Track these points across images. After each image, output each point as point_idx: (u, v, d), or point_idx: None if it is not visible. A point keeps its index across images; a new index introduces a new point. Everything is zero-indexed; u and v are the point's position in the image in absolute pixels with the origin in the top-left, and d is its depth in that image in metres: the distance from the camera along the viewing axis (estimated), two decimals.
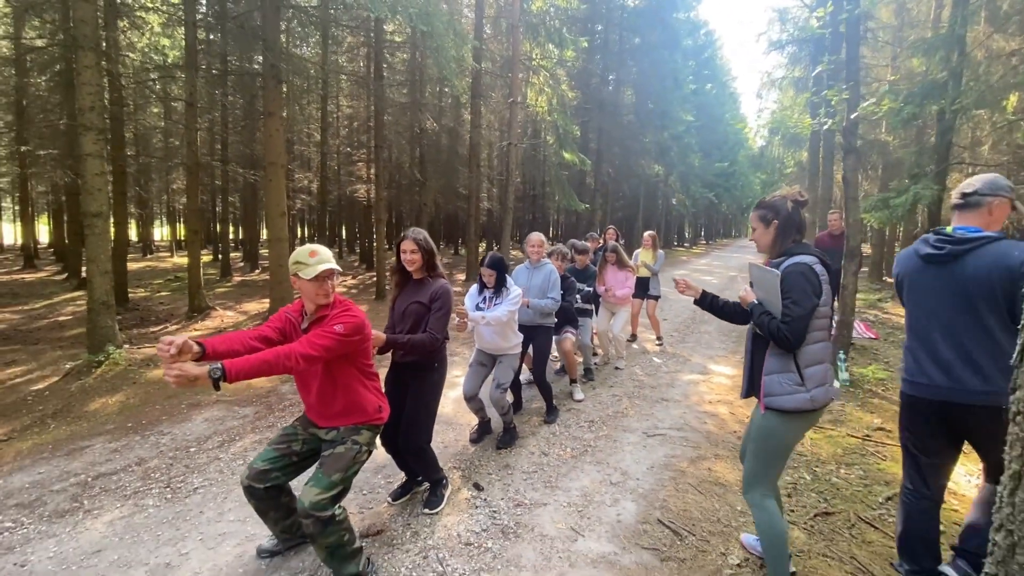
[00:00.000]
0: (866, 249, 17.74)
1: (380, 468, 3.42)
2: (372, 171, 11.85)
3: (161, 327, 7.91)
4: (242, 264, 18.41)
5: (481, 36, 12.50)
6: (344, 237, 28.07)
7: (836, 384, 5.29)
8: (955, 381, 2.02)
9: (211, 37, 12.41)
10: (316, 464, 2.26)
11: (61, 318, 8.89)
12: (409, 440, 2.87)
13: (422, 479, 3.14)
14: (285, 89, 15.97)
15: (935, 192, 6.86)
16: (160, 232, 43.83)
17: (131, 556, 2.53)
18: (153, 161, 13.57)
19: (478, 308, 3.62)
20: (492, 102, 16.11)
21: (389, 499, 3.05)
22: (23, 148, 12.84)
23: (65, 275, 13.62)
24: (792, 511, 2.96)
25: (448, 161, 15.48)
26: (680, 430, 4.11)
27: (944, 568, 2.19)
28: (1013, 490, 1.14)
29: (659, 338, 7.08)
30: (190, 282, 8.46)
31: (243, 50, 10.53)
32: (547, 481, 3.28)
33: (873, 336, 7.37)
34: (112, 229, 9.05)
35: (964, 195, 2.09)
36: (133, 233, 31.76)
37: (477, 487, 3.21)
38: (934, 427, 2.14)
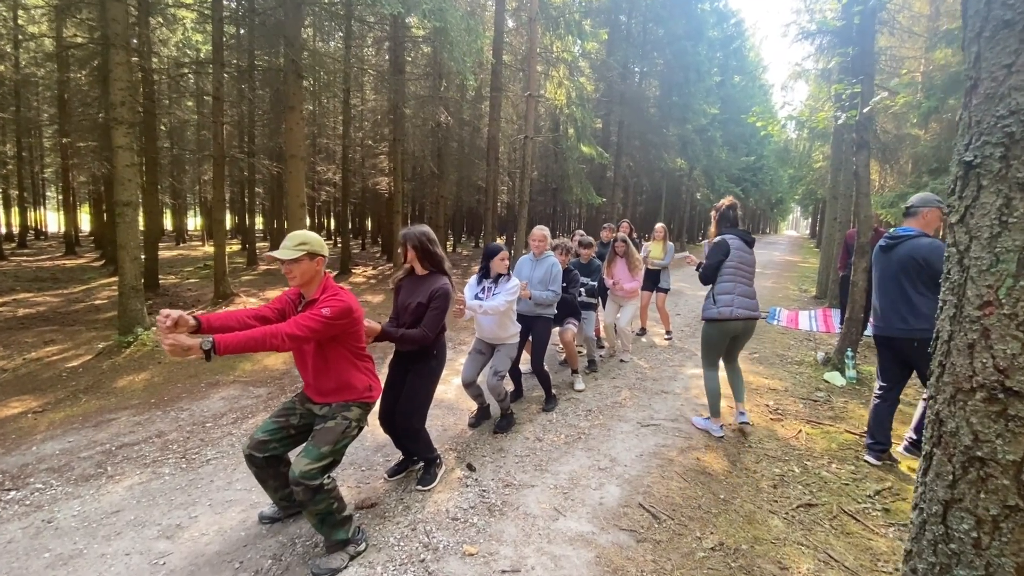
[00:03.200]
0: None
1: (380, 447, 3.59)
2: (391, 164, 12.05)
3: (188, 312, 8.28)
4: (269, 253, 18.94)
5: (502, 29, 12.55)
6: (369, 229, 28.62)
7: (843, 381, 5.25)
8: (887, 322, 3.35)
9: (241, 32, 12.82)
10: (310, 436, 2.43)
11: (97, 302, 9.39)
12: (405, 421, 3.02)
13: (417, 458, 3.30)
14: (311, 83, 16.38)
15: None
16: (193, 222, 45.31)
17: (146, 517, 2.76)
18: (186, 153, 14.06)
19: (477, 298, 3.75)
20: (512, 96, 16.15)
21: (385, 475, 3.22)
22: (65, 140, 13.53)
23: (103, 261, 14.31)
24: (775, 501, 3.02)
25: (466, 154, 15.62)
26: (675, 421, 4.17)
27: (898, 450, 3.64)
28: (925, 470, 1.21)
29: (668, 332, 7.09)
30: (216, 270, 8.83)
31: (270, 45, 10.84)
32: (538, 464, 3.40)
33: None
34: (144, 218, 9.50)
35: (907, 208, 3.42)
36: (168, 223, 33.03)
37: (470, 467, 3.35)
38: (883, 352, 3.50)
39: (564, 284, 4.76)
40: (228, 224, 33.38)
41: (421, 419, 3.09)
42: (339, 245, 16.29)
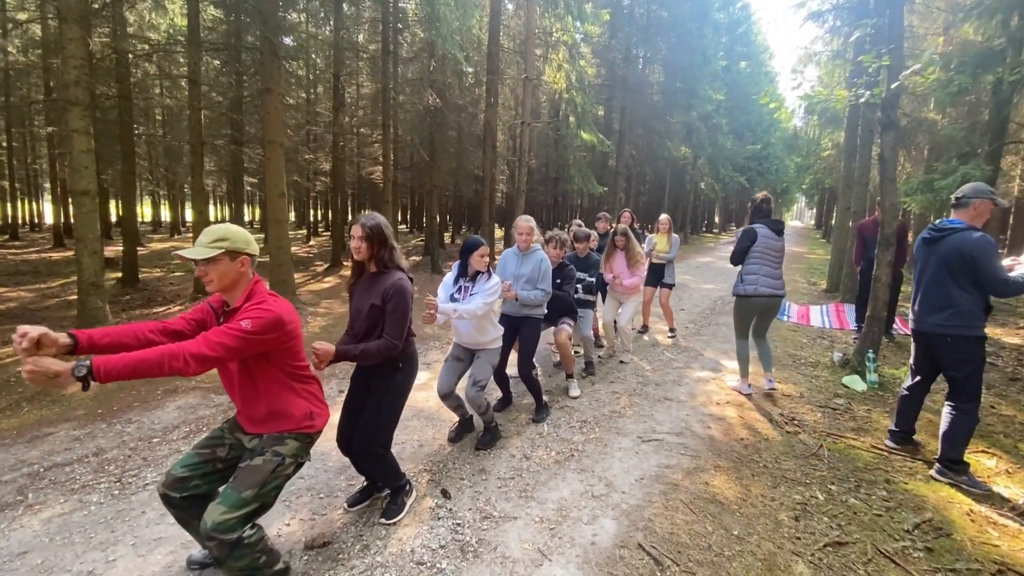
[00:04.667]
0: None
1: (344, 469, 3.16)
2: (383, 152, 11.55)
3: (165, 308, 7.88)
4: (262, 245, 18.52)
5: (498, 8, 11.96)
6: None
7: (863, 386, 4.79)
8: (922, 317, 3.24)
9: (218, 13, 12.24)
10: (232, 476, 1.98)
11: (71, 297, 8.96)
12: (363, 445, 2.58)
13: (382, 485, 2.86)
14: (303, 69, 15.79)
15: (987, 173, 6.12)
16: (192, 213, 44.74)
17: (56, 561, 2.34)
18: (170, 140, 13.52)
19: (452, 299, 3.29)
20: (511, 81, 15.56)
21: (345, 504, 2.78)
22: (51, 129, 13.05)
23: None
24: (798, 539, 2.57)
25: (463, 142, 15.07)
26: (679, 435, 3.72)
27: (930, 473, 3.28)
28: None
29: (672, 330, 6.63)
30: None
31: (254, 27, 10.28)
32: (523, 490, 2.96)
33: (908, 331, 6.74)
34: (121, 208, 9.00)
35: (956, 198, 3.20)
36: (166, 214, 32.57)
37: (445, 494, 2.92)
38: (918, 347, 3.40)
39: (558, 281, 4.30)
40: (216, 215, 32.94)
41: (384, 443, 2.64)
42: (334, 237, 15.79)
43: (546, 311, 4.06)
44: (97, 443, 3.49)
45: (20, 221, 27.94)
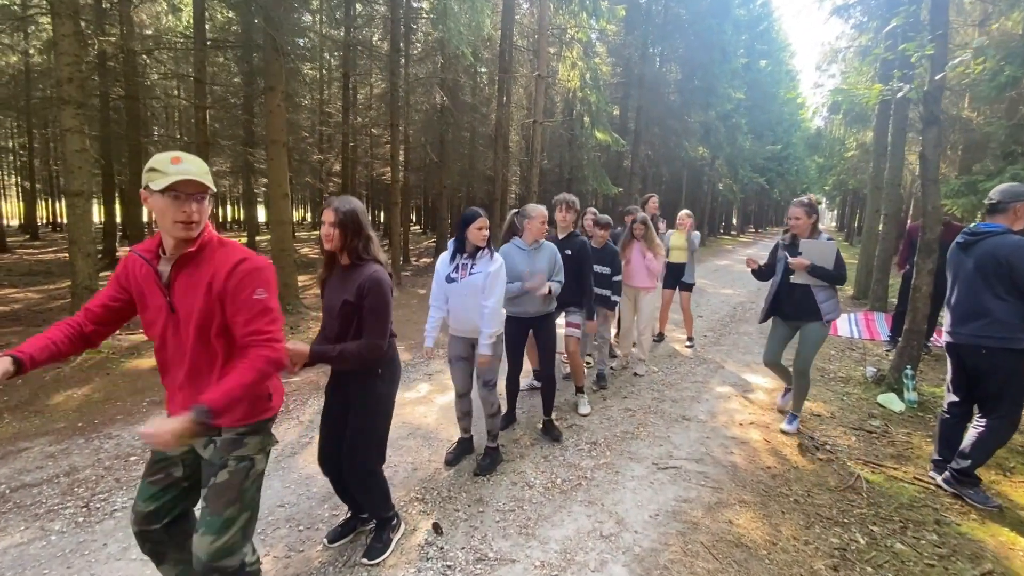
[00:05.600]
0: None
1: (328, 497, 2.88)
2: (392, 151, 11.34)
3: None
4: (268, 248, 18.47)
5: (511, 5, 11.68)
6: (381, 221, 28.01)
7: (901, 406, 4.39)
8: (956, 327, 2.99)
9: (235, 16, 12.18)
10: (203, 502, 1.70)
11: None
12: (353, 465, 2.30)
13: (368, 516, 2.58)
14: (313, 67, 15.70)
15: None
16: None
17: None
18: (170, 139, 13.44)
19: (450, 279, 2.99)
20: (523, 79, 15.26)
21: (326, 540, 2.51)
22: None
23: (99, 255, 13.94)
24: None
25: (475, 142, 14.81)
26: (699, 461, 3.38)
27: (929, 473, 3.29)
28: None
29: (690, 339, 6.25)
30: None
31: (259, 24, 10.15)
32: (523, 525, 2.66)
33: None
34: (124, 209, 8.95)
35: (992, 203, 3.00)
36: None
37: (436, 529, 2.63)
38: (953, 362, 3.12)
39: (579, 264, 3.90)
40: (232, 215, 33.23)
41: (375, 459, 2.35)
42: None
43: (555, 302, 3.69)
44: (72, 461, 3.27)
45: (43, 221, 28.57)
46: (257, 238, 16.06)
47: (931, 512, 2.92)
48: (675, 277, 6.08)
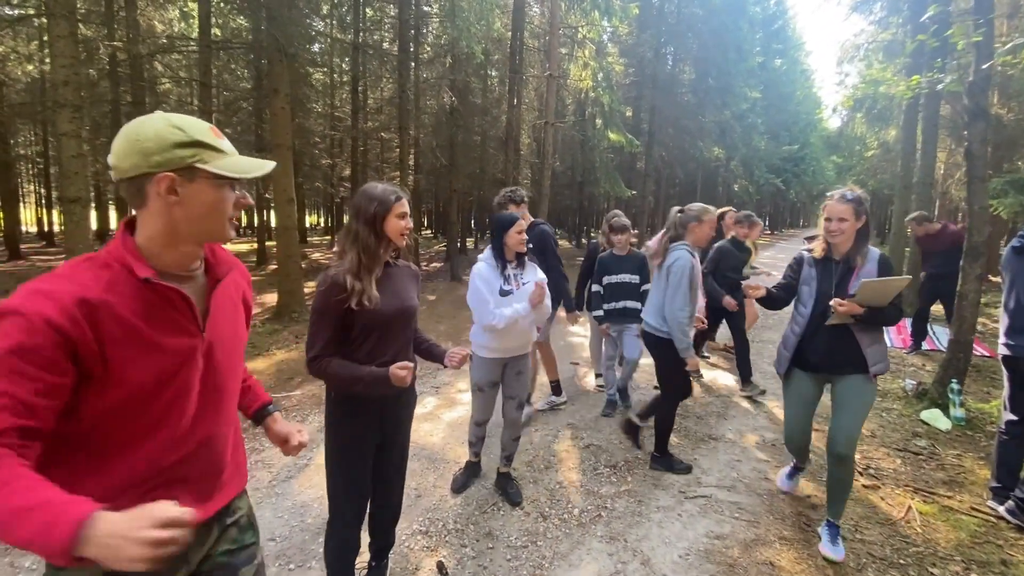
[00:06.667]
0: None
1: (322, 529, 2.63)
2: (401, 155, 11.16)
3: None
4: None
5: (522, 4, 11.46)
6: None
7: (947, 424, 4.04)
8: (1020, 340, 2.74)
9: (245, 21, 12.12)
10: None
11: None
12: (398, 509, 2.26)
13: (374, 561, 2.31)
14: (329, 75, 15.62)
15: None
16: None
17: None
18: None
19: (503, 292, 2.66)
20: (535, 80, 15.03)
21: None
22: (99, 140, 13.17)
23: None
24: None
25: (487, 145, 14.60)
26: (731, 489, 3.07)
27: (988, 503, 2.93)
28: None
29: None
30: None
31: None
32: (537, 566, 2.39)
33: (988, 354, 5.89)
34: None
35: None
36: None
37: (441, 570, 2.36)
38: (1014, 377, 2.84)
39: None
40: (245, 220, 33.43)
41: (333, 509, 1.99)
42: None
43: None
44: None
45: (60, 227, 29.03)
46: (268, 243, 16.01)
47: (995, 550, 2.59)
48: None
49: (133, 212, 1.01)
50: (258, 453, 3.48)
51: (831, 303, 2.36)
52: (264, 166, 1.06)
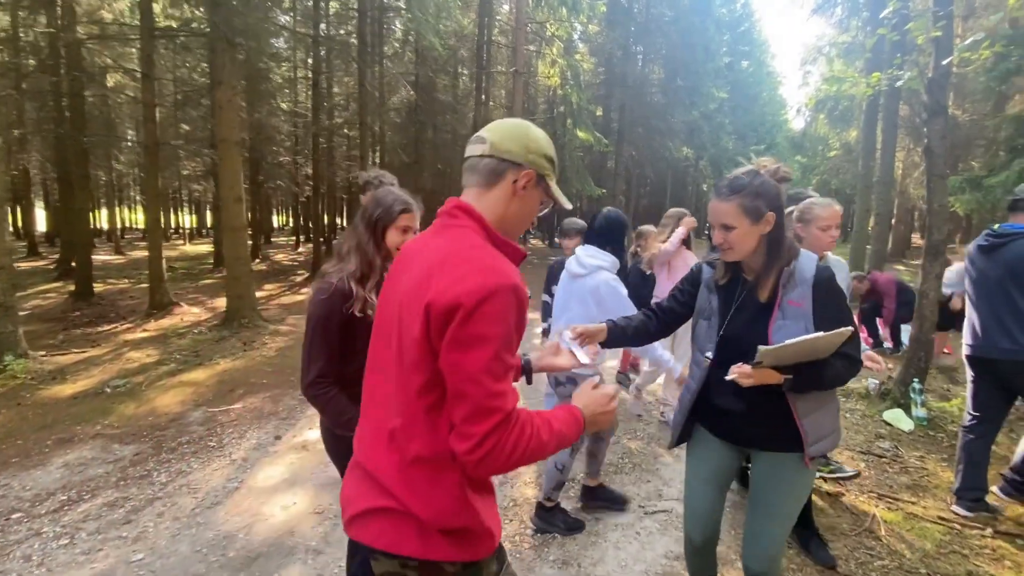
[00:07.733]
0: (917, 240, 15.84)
1: (248, 564, 2.36)
2: (361, 152, 10.80)
3: (113, 326, 7.10)
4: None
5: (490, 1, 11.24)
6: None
7: (910, 424, 3.99)
8: (988, 340, 2.69)
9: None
10: None
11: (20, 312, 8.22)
12: None
13: None
14: (287, 68, 15.04)
15: None
16: (191, 219, 44.07)
17: None
18: (100, 139, 12.45)
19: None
20: (503, 78, 14.82)
21: None
22: (16, 132, 12.33)
23: (55, 264, 13.15)
24: None
25: (455, 143, 14.32)
26: None
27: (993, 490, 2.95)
28: None
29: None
30: (151, 275, 7.62)
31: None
32: None
33: (948, 352, 5.94)
34: (67, 215, 8.27)
35: (1015, 200, 2.73)
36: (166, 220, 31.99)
37: None
38: (982, 378, 2.82)
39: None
40: (195, 222, 32.28)
41: None
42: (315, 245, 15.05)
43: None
44: None
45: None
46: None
47: (960, 560, 2.50)
48: None
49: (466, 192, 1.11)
50: (184, 476, 3.16)
51: (731, 372, 1.44)
52: (567, 204, 1.20)
